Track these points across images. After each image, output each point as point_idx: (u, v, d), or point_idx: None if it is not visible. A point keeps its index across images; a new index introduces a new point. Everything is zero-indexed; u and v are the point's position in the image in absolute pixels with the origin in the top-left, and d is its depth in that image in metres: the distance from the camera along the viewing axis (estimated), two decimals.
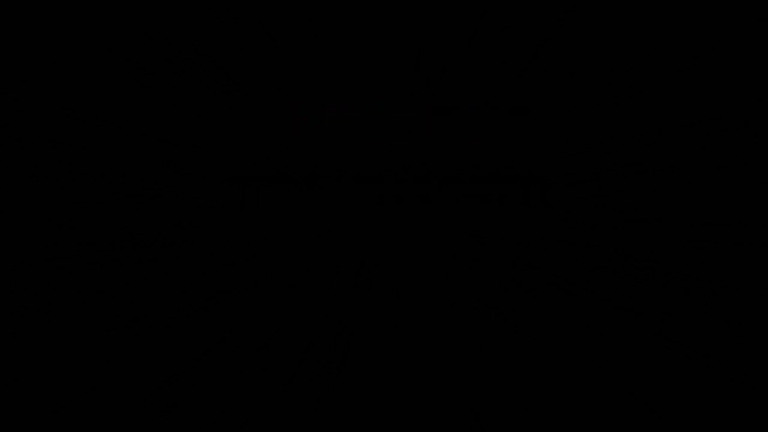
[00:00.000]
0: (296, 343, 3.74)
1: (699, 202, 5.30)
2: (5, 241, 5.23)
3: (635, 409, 2.62)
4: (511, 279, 6.55)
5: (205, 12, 5.75)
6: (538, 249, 7.97)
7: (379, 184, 8.09)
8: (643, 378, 3.00)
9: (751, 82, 4.65)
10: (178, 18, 5.87)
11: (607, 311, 4.67)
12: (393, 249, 8.08)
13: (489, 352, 3.52)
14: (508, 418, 2.53)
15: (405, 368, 3.21)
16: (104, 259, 6.45)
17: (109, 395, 2.80)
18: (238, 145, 7.93)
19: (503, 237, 8.01)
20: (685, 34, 5.36)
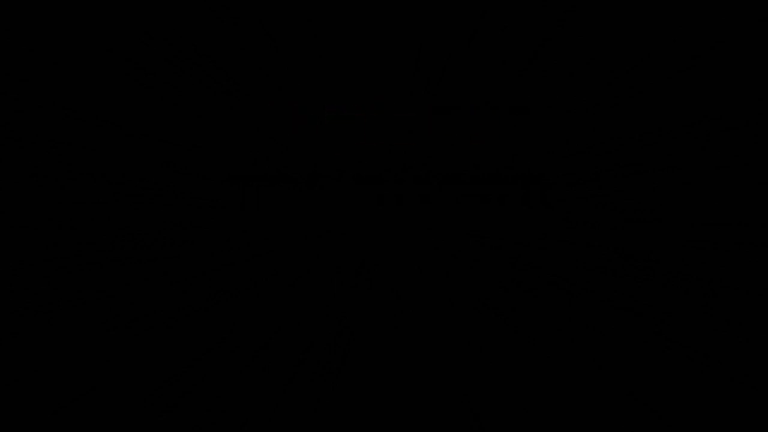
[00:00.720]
0: (296, 343, 3.74)
1: (699, 202, 5.30)
2: (5, 241, 5.23)
3: (635, 409, 2.61)
4: (511, 279, 6.55)
5: (205, 12, 5.75)
6: (538, 249, 7.97)
7: (379, 184, 8.09)
8: (643, 378, 3.00)
9: (751, 82, 4.65)
10: (178, 18, 5.86)
11: (607, 311, 4.67)
12: (393, 249, 8.08)
13: (489, 352, 3.52)
14: (508, 418, 2.53)
15: (405, 368, 3.21)
16: (104, 259, 6.45)
17: (109, 395, 2.80)
18: (238, 145, 7.93)
19: (503, 237, 8.01)
20: (685, 34, 5.36)
